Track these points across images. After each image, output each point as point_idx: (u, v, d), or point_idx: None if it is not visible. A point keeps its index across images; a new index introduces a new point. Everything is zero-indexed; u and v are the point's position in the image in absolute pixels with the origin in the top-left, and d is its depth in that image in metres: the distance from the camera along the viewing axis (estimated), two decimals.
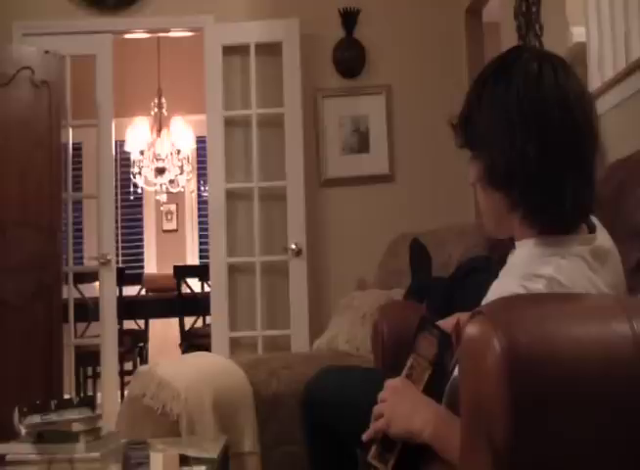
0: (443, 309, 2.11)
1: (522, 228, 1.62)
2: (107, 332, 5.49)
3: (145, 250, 9.18)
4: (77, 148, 6.34)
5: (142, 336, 7.49)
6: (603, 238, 1.63)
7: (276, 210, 5.56)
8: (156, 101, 8.12)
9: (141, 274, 8.47)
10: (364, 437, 1.68)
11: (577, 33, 3.77)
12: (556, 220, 1.57)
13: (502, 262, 1.71)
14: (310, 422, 2.33)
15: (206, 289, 6.79)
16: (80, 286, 6.04)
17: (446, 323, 1.80)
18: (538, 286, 1.46)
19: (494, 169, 1.60)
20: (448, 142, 1.76)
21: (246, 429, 3.27)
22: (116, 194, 7.20)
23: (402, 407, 1.63)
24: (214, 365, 3.66)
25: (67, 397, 4.88)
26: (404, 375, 1.72)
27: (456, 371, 1.50)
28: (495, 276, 1.68)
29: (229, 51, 5.62)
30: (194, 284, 7.21)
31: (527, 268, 1.54)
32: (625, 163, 2.37)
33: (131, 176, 8.29)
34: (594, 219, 1.65)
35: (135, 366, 7.08)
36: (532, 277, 1.49)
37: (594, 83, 3.45)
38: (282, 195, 5.50)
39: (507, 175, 1.57)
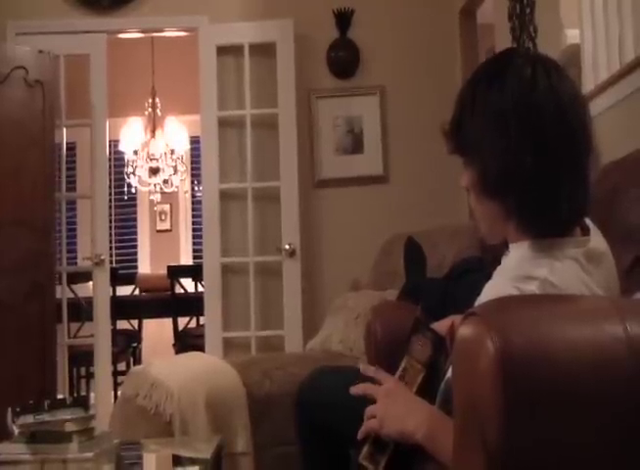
0: (437, 310, 2.11)
1: (517, 234, 1.61)
2: (100, 332, 5.48)
3: (138, 250, 9.17)
4: (71, 148, 6.32)
5: (135, 336, 7.48)
6: (597, 240, 1.63)
7: (270, 210, 5.55)
8: (150, 101, 8.11)
9: (134, 274, 8.46)
10: (359, 435, 1.67)
11: (571, 35, 3.78)
12: (551, 225, 1.56)
13: (496, 263, 1.71)
14: (304, 422, 2.33)
15: (200, 289, 6.78)
16: (74, 286, 6.03)
17: (441, 325, 1.80)
18: (531, 288, 1.46)
19: (488, 176, 1.58)
20: (442, 143, 1.75)
21: (239, 429, 3.27)
22: (110, 194, 7.21)
23: (395, 408, 1.62)
24: (208, 366, 3.66)
25: (60, 397, 4.87)
26: (397, 377, 1.72)
27: (449, 372, 1.50)
28: (489, 277, 1.67)
29: (223, 51, 5.61)
30: (187, 284, 7.21)
31: (521, 270, 1.53)
32: (619, 165, 2.37)
33: (125, 176, 8.28)
34: (588, 222, 1.65)
35: (129, 366, 7.06)
36: (525, 279, 1.48)
37: (588, 85, 3.46)
38: (276, 195, 5.50)
39: (502, 182, 1.56)
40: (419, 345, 1.71)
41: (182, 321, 7.08)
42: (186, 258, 8.98)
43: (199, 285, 7.10)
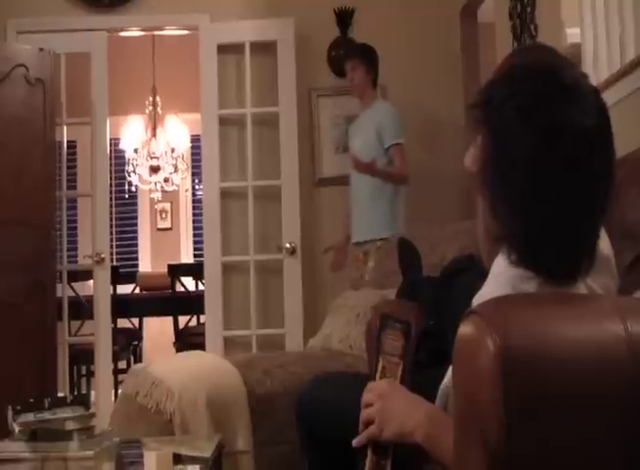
0: (432, 311, 2.10)
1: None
2: (101, 330, 5.49)
3: (139, 248, 9.17)
4: (72, 146, 6.33)
5: (136, 334, 7.48)
6: (602, 243, 1.59)
7: (270, 209, 5.56)
8: (150, 99, 8.11)
9: (135, 273, 8.47)
10: (354, 442, 1.64)
11: (572, 34, 3.78)
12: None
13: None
14: (307, 434, 2.31)
15: (201, 287, 6.78)
16: (75, 284, 6.03)
17: None
18: (528, 287, 1.43)
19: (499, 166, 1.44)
20: (442, 142, 1.70)
21: (239, 428, 3.27)
22: (111, 192, 7.20)
23: (392, 409, 1.60)
24: (208, 364, 3.65)
25: (60, 395, 4.88)
26: (378, 378, 1.71)
27: (449, 372, 1.49)
28: (480, 274, 1.63)
29: (224, 50, 5.62)
30: (188, 283, 7.21)
31: (518, 269, 1.49)
32: (620, 163, 2.37)
33: (126, 175, 8.28)
34: None
35: (129, 365, 7.07)
36: (522, 278, 1.45)
37: None
38: (276, 194, 5.50)
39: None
40: (390, 339, 1.71)
41: (183, 320, 7.08)
42: (187, 257, 8.98)
43: (199, 283, 7.10)
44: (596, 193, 1.42)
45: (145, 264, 9.06)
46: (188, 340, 6.63)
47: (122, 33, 6.00)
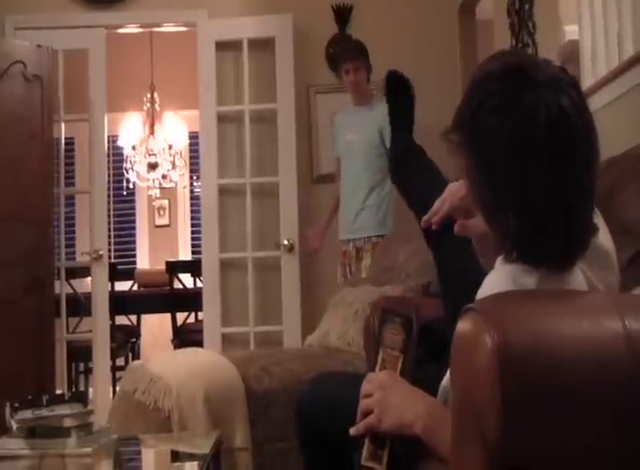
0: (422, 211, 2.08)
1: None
2: (99, 327, 5.49)
3: (137, 245, 9.16)
4: (70, 143, 6.33)
5: (134, 331, 7.48)
6: (603, 238, 1.59)
7: (268, 205, 5.55)
8: (148, 96, 8.10)
9: (133, 269, 8.46)
10: (352, 431, 1.64)
11: (570, 31, 3.78)
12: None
13: None
14: (305, 429, 2.31)
15: (199, 284, 6.78)
16: (72, 281, 6.03)
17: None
18: (530, 281, 1.43)
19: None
20: (440, 140, 1.66)
21: (237, 425, 3.27)
22: (109, 189, 7.19)
23: (392, 402, 1.60)
24: (206, 361, 3.66)
25: (58, 392, 4.87)
26: (378, 370, 1.72)
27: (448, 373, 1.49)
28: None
29: (222, 46, 5.61)
30: (186, 279, 7.21)
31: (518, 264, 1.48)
32: (618, 160, 2.37)
33: (124, 171, 8.27)
34: (597, 218, 1.55)
35: (127, 362, 7.06)
36: (524, 271, 1.45)
37: (587, 81, 3.46)
38: (274, 191, 5.50)
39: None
40: (391, 333, 1.71)
41: (181, 316, 7.08)
42: (185, 254, 8.97)
43: (197, 280, 7.10)
44: (581, 177, 1.40)
45: (143, 261, 9.05)
46: (186, 337, 6.63)
47: (120, 30, 6.00)
